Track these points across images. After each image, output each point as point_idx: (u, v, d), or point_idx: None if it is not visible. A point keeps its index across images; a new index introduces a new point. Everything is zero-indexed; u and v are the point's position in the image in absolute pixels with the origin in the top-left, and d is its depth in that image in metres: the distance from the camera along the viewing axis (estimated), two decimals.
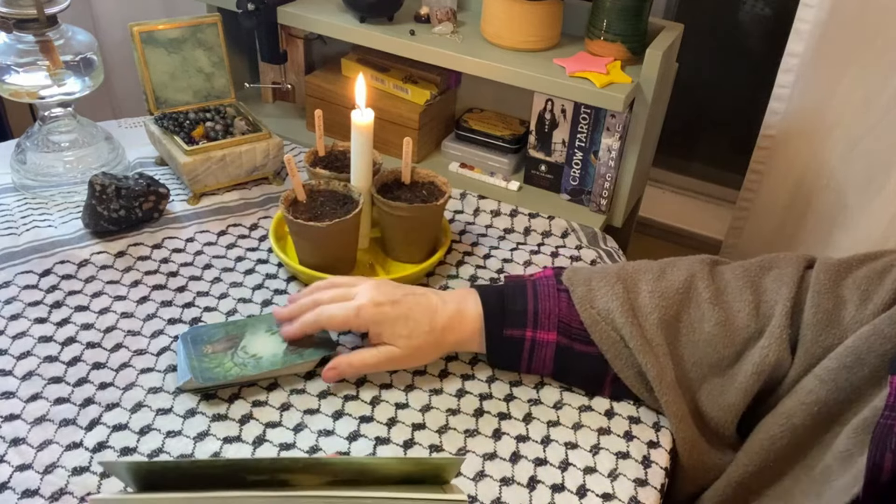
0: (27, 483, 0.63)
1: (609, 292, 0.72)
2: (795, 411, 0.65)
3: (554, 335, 0.72)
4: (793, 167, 1.22)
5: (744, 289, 0.71)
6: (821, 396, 0.64)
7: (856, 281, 0.68)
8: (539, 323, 0.72)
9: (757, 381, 0.68)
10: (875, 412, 0.59)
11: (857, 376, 0.62)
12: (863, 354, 0.62)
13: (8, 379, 0.72)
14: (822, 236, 1.22)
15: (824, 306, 0.67)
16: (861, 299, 0.66)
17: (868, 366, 0.62)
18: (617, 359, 0.71)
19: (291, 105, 1.38)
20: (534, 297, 0.73)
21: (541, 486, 0.66)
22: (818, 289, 0.68)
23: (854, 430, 0.60)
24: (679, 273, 0.73)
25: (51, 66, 0.91)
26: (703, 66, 1.58)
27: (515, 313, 0.72)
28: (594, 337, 0.71)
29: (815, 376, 0.65)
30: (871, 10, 1.05)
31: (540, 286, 0.74)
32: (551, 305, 0.73)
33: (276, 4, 1.18)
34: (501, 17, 1.11)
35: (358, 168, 0.85)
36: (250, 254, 0.91)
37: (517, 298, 0.73)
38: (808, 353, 0.67)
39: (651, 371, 0.69)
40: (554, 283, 0.75)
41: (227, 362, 0.72)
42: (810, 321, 0.67)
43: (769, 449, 0.67)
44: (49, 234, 0.90)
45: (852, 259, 0.70)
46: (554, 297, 0.73)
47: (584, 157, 1.14)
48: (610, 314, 0.71)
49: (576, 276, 0.75)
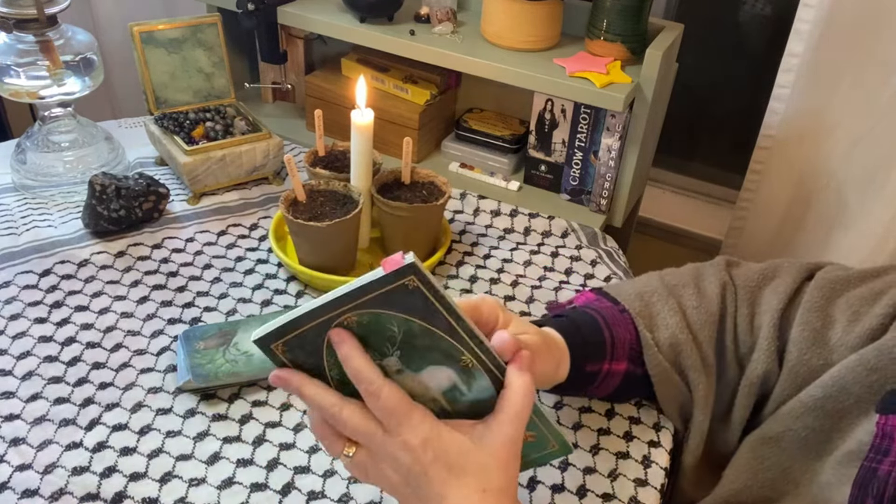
0: (27, 483, 0.63)
1: (665, 307, 0.70)
2: (783, 436, 0.65)
3: (625, 365, 0.68)
4: (793, 167, 1.22)
5: (743, 302, 0.71)
6: (807, 423, 0.63)
7: (849, 301, 0.66)
8: (616, 354, 0.68)
9: (750, 395, 0.68)
10: (860, 446, 0.59)
11: (843, 405, 0.62)
12: (848, 384, 0.61)
13: (8, 379, 0.72)
14: (822, 236, 1.22)
15: (812, 324, 0.66)
16: (849, 321, 0.65)
17: (853, 396, 0.61)
18: (662, 384, 0.69)
19: (291, 105, 1.38)
20: (605, 324, 0.68)
21: (541, 487, 0.66)
22: (809, 306, 0.67)
23: (838, 463, 0.60)
24: (713, 286, 0.72)
25: (51, 66, 0.91)
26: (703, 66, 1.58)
27: (595, 345, 0.67)
28: (647, 360, 0.69)
29: (801, 403, 0.64)
30: (871, 10, 1.05)
31: (605, 312, 0.69)
32: (623, 332, 0.68)
33: (276, 4, 1.18)
34: (501, 17, 1.11)
35: (358, 168, 0.85)
36: (250, 254, 0.91)
37: (593, 329, 0.68)
38: (792, 370, 0.66)
39: (700, 391, 0.68)
40: (611, 305, 0.71)
41: (218, 359, 0.72)
42: (797, 338, 0.66)
43: (757, 468, 0.66)
44: (49, 234, 0.90)
45: (853, 275, 0.68)
46: (622, 323, 0.69)
47: (584, 157, 1.14)
48: (669, 329, 0.69)
49: (623, 292, 0.72)
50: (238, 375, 0.71)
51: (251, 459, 0.67)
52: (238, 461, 0.66)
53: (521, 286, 0.90)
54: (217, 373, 0.71)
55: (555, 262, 0.94)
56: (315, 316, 0.47)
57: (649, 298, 0.71)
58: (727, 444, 0.70)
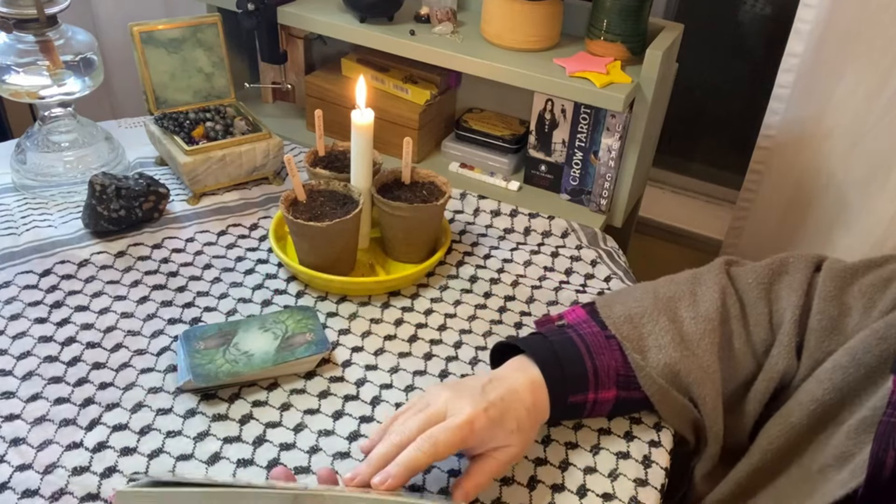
0: (27, 483, 0.63)
1: (656, 327, 0.69)
2: (793, 411, 0.66)
3: (613, 392, 0.68)
4: (793, 167, 1.22)
5: (758, 300, 0.71)
6: (817, 395, 0.64)
7: (861, 288, 0.68)
8: (600, 383, 0.67)
9: (768, 389, 0.68)
10: (874, 412, 0.59)
11: (854, 377, 0.62)
12: (858, 354, 0.62)
13: (8, 379, 0.72)
14: (822, 236, 1.22)
15: (829, 313, 0.67)
16: (865, 307, 0.67)
17: (864, 366, 0.62)
18: (662, 403, 0.69)
19: (291, 105, 1.38)
20: (588, 354, 0.67)
21: (541, 486, 0.66)
22: (824, 295, 0.68)
23: (854, 431, 0.61)
24: (711, 292, 0.71)
25: (51, 66, 0.91)
26: (703, 66, 1.58)
27: (576, 378, 0.66)
28: (641, 382, 0.68)
29: (814, 377, 0.65)
30: (871, 10, 1.05)
31: (589, 339, 0.69)
32: (607, 360, 0.68)
33: (276, 4, 1.18)
34: (501, 17, 1.11)
35: (358, 168, 0.85)
36: (250, 254, 0.91)
37: (574, 359, 0.67)
38: (811, 358, 0.67)
39: (707, 404, 0.68)
40: (598, 329, 0.70)
41: (218, 359, 0.72)
42: (815, 327, 0.67)
43: (766, 449, 0.67)
44: (49, 234, 0.90)
45: (858, 265, 0.70)
46: (607, 350, 0.68)
47: (584, 157, 1.14)
48: (662, 350, 0.68)
49: (613, 314, 0.71)
50: (238, 375, 0.71)
51: (251, 459, 0.67)
52: (238, 461, 0.66)
53: (522, 286, 0.90)
54: (217, 373, 0.71)
55: (555, 262, 0.94)
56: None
57: (639, 321, 0.70)
58: (738, 437, 0.71)
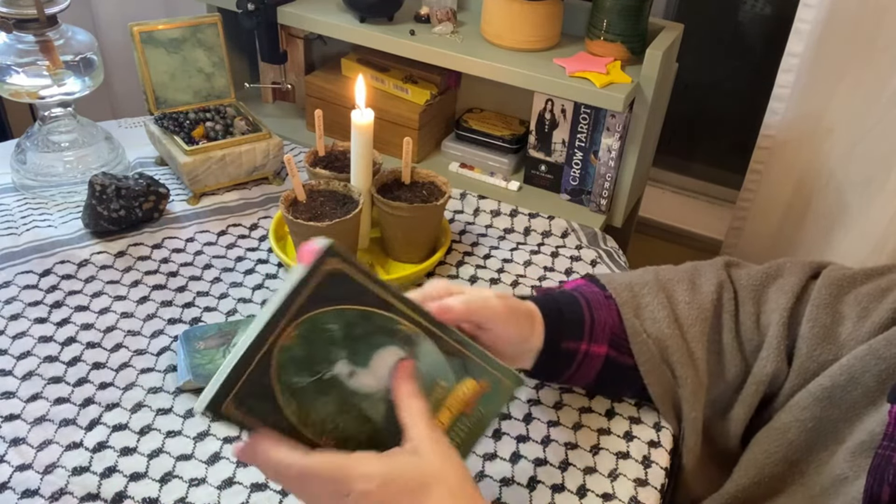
0: (27, 483, 0.63)
1: (654, 300, 0.70)
2: (790, 427, 0.65)
3: (605, 348, 0.68)
4: (793, 167, 1.22)
5: (748, 300, 0.71)
6: (815, 413, 0.63)
7: (857, 297, 0.67)
8: (594, 336, 0.67)
9: (757, 393, 0.68)
10: (872, 437, 0.59)
11: (852, 395, 0.62)
12: (857, 374, 0.61)
13: (8, 379, 0.72)
14: (822, 236, 1.22)
15: (822, 321, 0.66)
16: (859, 316, 0.66)
17: (862, 385, 0.61)
18: (651, 373, 0.69)
19: (291, 105, 1.38)
20: (587, 306, 0.68)
21: (541, 486, 0.66)
22: (818, 303, 0.67)
23: (851, 454, 0.60)
24: (708, 284, 0.71)
25: (51, 66, 0.91)
26: (703, 66, 1.58)
27: (573, 323, 0.67)
28: (634, 348, 0.68)
29: (810, 393, 0.64)
30: (871, 11, 1.05)
31: (589, 296, 0.69)
32: (605, 316, 0.68)
33: (276, 4, 1.18)
34: (501, 17, 1.11)
35: (358, 168, 0.85)
36: (250, 254, 0.91)
37: (573, 307, 0.68)
38: (802, 366, 0.66)
39: (688, 387, 0.68)
40: (598, 290, 0.71)
41: (218, 359, 0.72)
42: (807, 335, 0.67)
43: (763, 463, 0.66)
44: (49, 234, 0.90)
45: (858, 273, 0.69)
46: (605, 308, 0.69)
47: (584, 157, 1.14)
48: (656, 323, 0.68)
49: (614, 281, 0.72)
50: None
51: None
52: (238, 461, 0.66)
53: (522, 286, 0.90)
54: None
55: (555, 262, 0.94)
56: (254, 350, 0.45)
57: (639, 290, 0.71)
58: (727, 441, 0.70)
